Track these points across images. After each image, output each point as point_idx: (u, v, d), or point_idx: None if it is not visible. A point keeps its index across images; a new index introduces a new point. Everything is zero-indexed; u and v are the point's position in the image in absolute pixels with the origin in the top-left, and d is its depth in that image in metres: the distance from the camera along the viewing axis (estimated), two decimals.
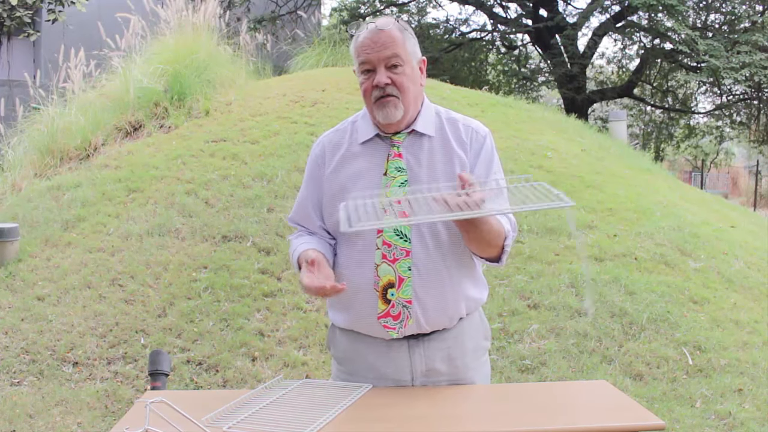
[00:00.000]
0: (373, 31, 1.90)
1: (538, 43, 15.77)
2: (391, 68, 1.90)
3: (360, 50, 1.91)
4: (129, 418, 1.72)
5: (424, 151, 1.96)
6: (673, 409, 3.63)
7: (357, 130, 2.01)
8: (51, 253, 4.96)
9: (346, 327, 2.00)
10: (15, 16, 7.20)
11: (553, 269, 4.80)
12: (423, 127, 1.97)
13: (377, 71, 1.90)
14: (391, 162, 1.94)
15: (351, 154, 1.99)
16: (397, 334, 1.91)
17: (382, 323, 1.90)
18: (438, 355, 1.95)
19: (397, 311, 1.90)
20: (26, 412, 3.63)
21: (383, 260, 1.90)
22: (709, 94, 16.80)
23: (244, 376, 3.93)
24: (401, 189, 1.91)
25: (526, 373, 3.90)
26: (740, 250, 5.47)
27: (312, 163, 2.05)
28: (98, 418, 3.61)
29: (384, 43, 1.88)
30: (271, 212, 5.34)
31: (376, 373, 1.95)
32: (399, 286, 1.89)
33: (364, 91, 1.93)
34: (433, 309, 1.92)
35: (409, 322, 1.90)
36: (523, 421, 1.68)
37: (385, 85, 1.89)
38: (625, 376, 3.91)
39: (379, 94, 1.90)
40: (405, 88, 1.91)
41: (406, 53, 1.92)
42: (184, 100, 7.02)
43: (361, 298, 1.93)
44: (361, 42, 1.91)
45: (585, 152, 7.18)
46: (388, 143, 1.97)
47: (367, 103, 1.95)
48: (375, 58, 1.89)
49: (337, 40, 10.08)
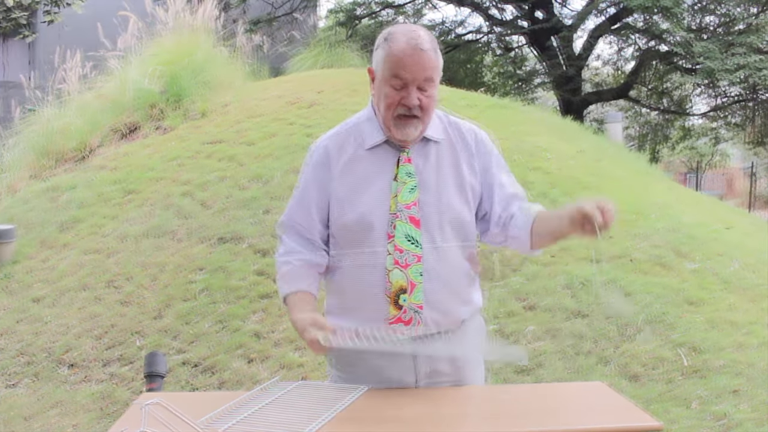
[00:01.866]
0: (416, 49, 1.85)
1: (534, 45, 15.78)
2: (421, 89, 1.87)
3: (397, 64, 1.86)
4: (125, 420, 1.72)
5: (432, 155, 1.97)
6: (670, 410, 3.63)
7: (362, 134, 1.98)
8: (47, 255, 4.95)
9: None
10: (11, 17, 7.20)
11: (550, 271, 4.81)
12: (432, 133, 1.98)
13: (409, 91, 1.86)
14: (402, 167, 1.94)
15: (358, 157, 1.96)
16: (405, 338, 1.90)
17: (393, 329, 1.90)
18: (442, 355, 1.95)
19: (409, 317, 1.89)
20: (22, 414, 3.62)
21: (395, 266, 1.89)
22: (704, 96, 16.82)
23: (240, 377, 3.93)
24: (412, 194, 1.91)
25: (522, 375, 3.91)
26: (736, 251, 5.48)
27: (316, 165, 2.00)
28: (94, 420, 3.60)
29: (422, 65, 1.85)
30: (267, 214, 5.33)
31: (380, 376, 1.95)
32: (411, 291, 1.89)
33: (389, 104, 1.89)
34: (444, 312, 1.92)
35: (419, 327, 1.90)
36: (519, 422, 1.68)
37: (414, 106, 1.87)
38: (622, 377, 3.91)
39: (404, 113, 1.88)
40: (429, 111, 1.90)
41: (438, 75, 1.91)
42: (180, 101, 7.02)
43: (370, 304, 1.92)
44: (399, 56, 1.85)
45: (581, 154, 7.19)
46: (397, 148, 1.96)
47: (387, 115, 1.91)
48: (411, 78, 1.85)
49: (333, 41, 10.09)
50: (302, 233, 2.02)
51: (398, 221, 1.89)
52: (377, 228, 1.90)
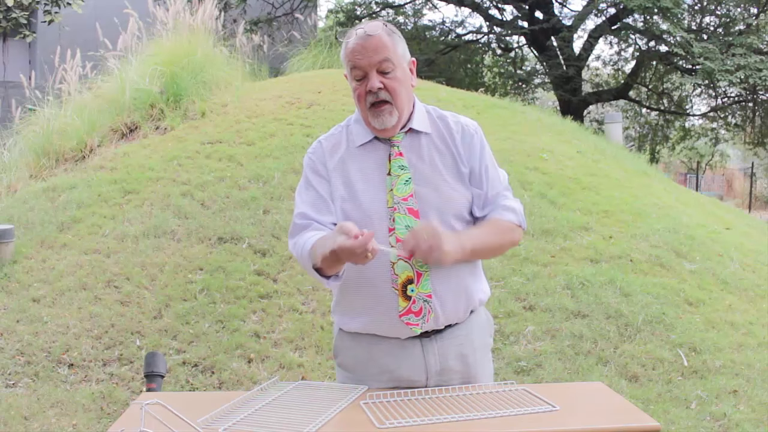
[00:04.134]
0: (363, 37, 1.91)
1: (533, 46, 15.79)
2: (382, 73, 1.91)
3: (351, 56, 1.92)
4: (124, 419, 1.72)
5: (423, 147, 1.99)
6: (669, 411, 3.64)
7: (352, 134, 2.02)
8: (46, 255, 4.95)
9: (362, 331, 1.98)
10: (11, 17, 7.19)
11: (549, 271, 4.81)
12: (419, 125, 2.00)
13: (369, 77, 1.91)
14: (394, 161, 1.96)
15: (350, 155, 1.99)
16: (420, 329, 1.92)
17: (404, 321, 1.91)
18: (451, 352, 1.96)
19: (419, 307, 1.91)
20: (21, 413, 3.62)
21: (398, 258, 1.90)
22: (704, 97, 16.83)
23: (239, 377, 3.93)
24: (407, 186, 1.93)
25: (521, 375, 3.91)
26: (735, 252, 5.48)
27: (316, 163, 2.01)
28: (93, 420, 3.60)
29: (375, 49, 1.90)
30: (266, 214, 5.33)
31: (390, 375, 1.95)
32: (418, 281, 1.90)
33: (358, 97, 1.95)
34: (451, 302, 1.94)
35: (431, 317, 1.91)
36: (518, 422, 1.68)
37: (378, 89, 1.90)
38: (621, 377, 3.92)
39: (373, 100, 1.92)
40: (397, 93, 1.92)
41: (396, 57, 1.93)
42: (180, 101, 7.02)
43: (379, 298, 1.92)
44: (351, 48, 1.92)
45: (581, 154, 7.19)
46: (387, 144, 1.98)
47: (362, 108, 1.96)
48: (366, 63, 1.91)
49: (333, 42, 10.10)
50: (316, 229, 1.98)
51: (397, 214, 1.91)
52: (377, 223, 1.91)
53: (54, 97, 6.94)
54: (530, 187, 5.88)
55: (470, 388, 1.91)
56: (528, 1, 15.05)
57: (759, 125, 15.97)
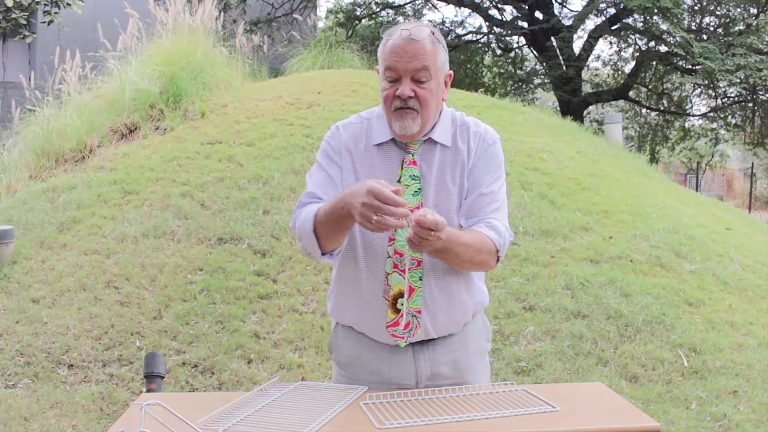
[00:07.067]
0: (406, 39, 1.82)
1: (533, 46, 15.80)
2: (416, 81, 1.83)
3: (388, 56, 1.84)
4: (124, 420, 1.72)
5: (436, 159, 1.92)
6: (669, 411, 3.64)
7: (371, 129, 1.96)
8: (46, 255, 4.95)
9: (354, 326, 1.97)
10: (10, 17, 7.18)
11: (549, 271, 4.81)
12: (439, 137, 1.94)
13: (402, 81, 1.83)
14: (406, 169, 1.91)
15: (367, 152, 1.94)
16: (404, 343, 1.90)
17: (390, 332, 1.89)
18: (443, 359, 1.94)
19: (406, 321, 1.88)
20: (21, 414, 3.62)
21: (394, 269, 1.88)
22: (704, 97, 16.84)
23: (239, 378, 3.93)
24: (415, 197, 1.88)
25: (521, 375, 3.91)
26: (735, 252, 5.48)
27: (332, 150, 1.96)
28: (93, 421, 3.60)
29: (415, 54, 1.81)
30: (266, 214, 5.33)
31: (380, 377, 1.94)
32: (409, 295, 1.87)
33: (385, 98, 1.87)
34: (443, 317, 1.91)
35: (417, 332, 1.89)
36: (518, 423, 1.68)
37: (408, 97, 1.83)
38: (621, 378, 3.92)
39: (400, 105, 1.84)
40: (427, 104, 1.85)
41: (435, 67, 1.85)
42: (179, 102, 7.01)
43: (370, 305, 1.91)
44: (390, 48, 1.84)
45: (580, 154, 7.19)
46: (403, 149, 1.93)
47: (386, 109, 1.89)
48: (402, 68, 1.82)
49: (333, 42, 10.09)
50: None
51: None
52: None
53: (54, 98, 6.94)
54: (530, 188, 5.87)
55: (470, 388, 1.90)
56: (528, 2, 15.05)
57: (759, 125, 15.98)
